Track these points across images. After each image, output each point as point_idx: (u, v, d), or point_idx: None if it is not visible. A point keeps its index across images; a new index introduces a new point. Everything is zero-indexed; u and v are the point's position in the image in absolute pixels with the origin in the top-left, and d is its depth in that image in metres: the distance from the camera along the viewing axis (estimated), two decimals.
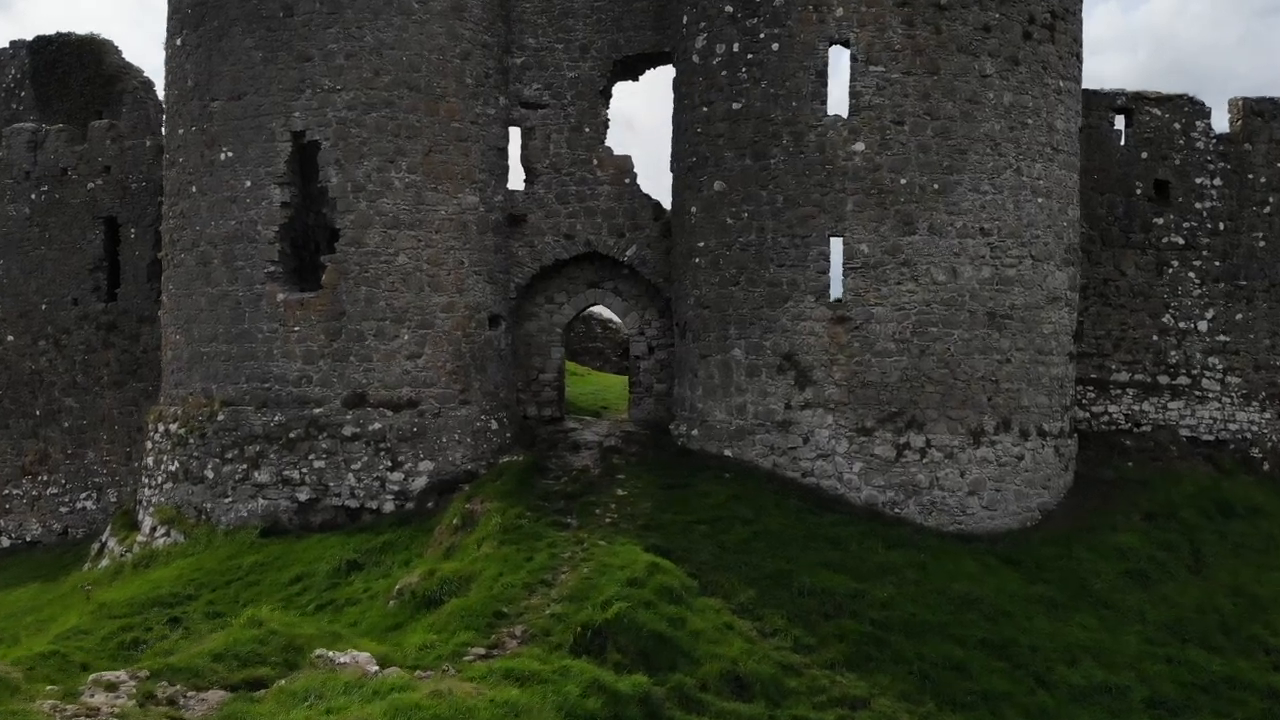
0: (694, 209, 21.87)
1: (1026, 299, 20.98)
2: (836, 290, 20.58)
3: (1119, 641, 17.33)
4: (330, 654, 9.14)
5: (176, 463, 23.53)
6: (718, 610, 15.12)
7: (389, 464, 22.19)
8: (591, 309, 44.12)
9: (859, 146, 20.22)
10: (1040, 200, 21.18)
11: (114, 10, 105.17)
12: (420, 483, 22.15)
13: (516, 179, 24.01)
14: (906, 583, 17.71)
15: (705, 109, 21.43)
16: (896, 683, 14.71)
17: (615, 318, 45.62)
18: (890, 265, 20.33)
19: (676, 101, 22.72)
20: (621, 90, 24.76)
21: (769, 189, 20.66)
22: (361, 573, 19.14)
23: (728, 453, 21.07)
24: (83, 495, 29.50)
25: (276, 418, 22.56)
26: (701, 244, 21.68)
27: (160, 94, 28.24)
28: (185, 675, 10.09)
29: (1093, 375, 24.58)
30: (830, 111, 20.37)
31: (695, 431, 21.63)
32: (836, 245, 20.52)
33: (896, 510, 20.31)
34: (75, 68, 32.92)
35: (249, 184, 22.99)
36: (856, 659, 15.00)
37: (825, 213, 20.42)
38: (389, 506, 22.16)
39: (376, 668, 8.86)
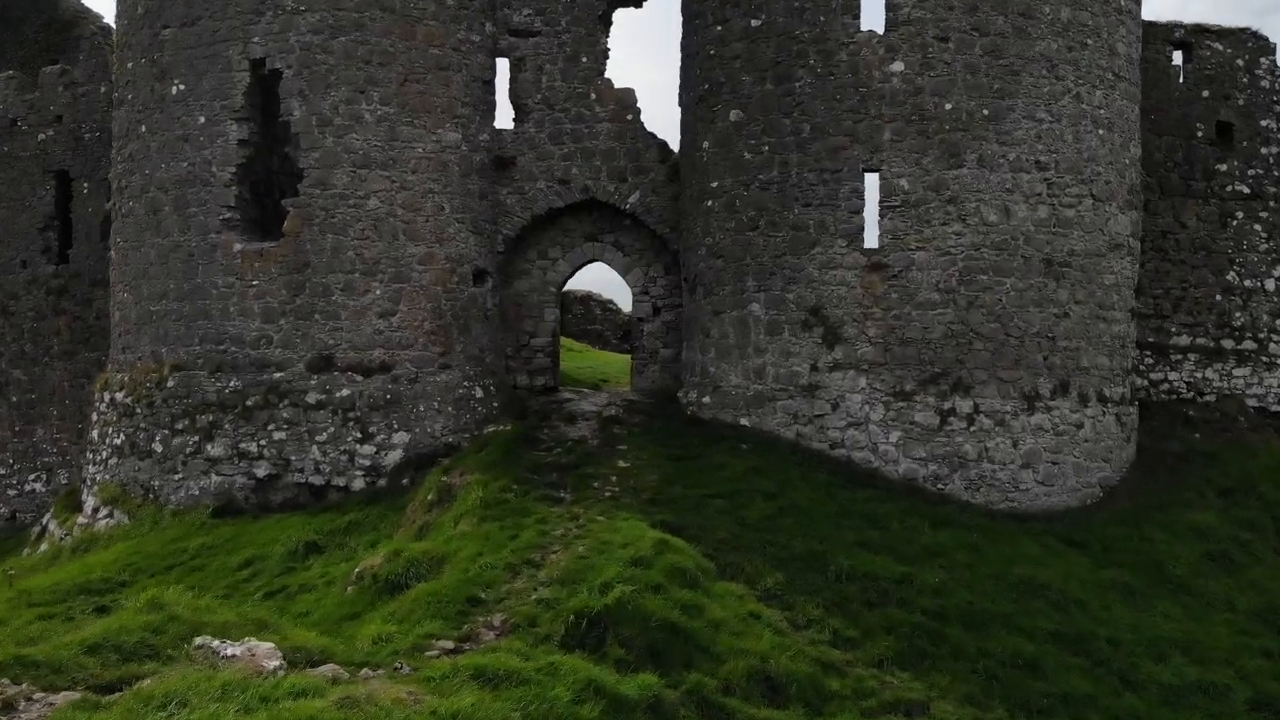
0: (706, 144, 19.25)
1: (1087, 245, 18.36)
2: (871, 234, 17.96)
3: (1209, 633, 14.73)
4: (215, 644, 6.55)
5: (122, 435, 20.92)
6: (740, 597, 12.52)
7: (358, 436, 19.59)
8: (591, 293, 41.83)
9: (897, 67, 17.60)
10: (1101, 133, 18.56)
11: None
12: (394, 457, 19.54)
13: (504, 117, 21.41)
14: (958, 566, 15.11)
15: (719, 28, 18.81)
16: (958, 683, 12.11)
17: (617, 299, 43.30)
18: (934, 203, 17.72)
19: (685, 23, 20.10)
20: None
21: (793, 117, 18.04)
22: (321, 556, 16.53)
23: (745, 422, 18.46)
24: (31, 476, 26.91)
25: (232, 383, 19.99)
26: (715, 184, 19.06)
27: None
28: (44, 671, 7.51)
29: (1150, 339, 21.94)
30: (863, 27, 17.77)
31: (707, 399, 19.02)
32: (871, 181, 17.93)
33: (940, 486, 17.71)
34: (30, 13, 30.35)
35: (203, 120, 20.42)
36: (909, 655, 12.40)
37: (858, 143, 17.82)
38: (358, 484, 19.56)
39: (279, 663, 6.30)
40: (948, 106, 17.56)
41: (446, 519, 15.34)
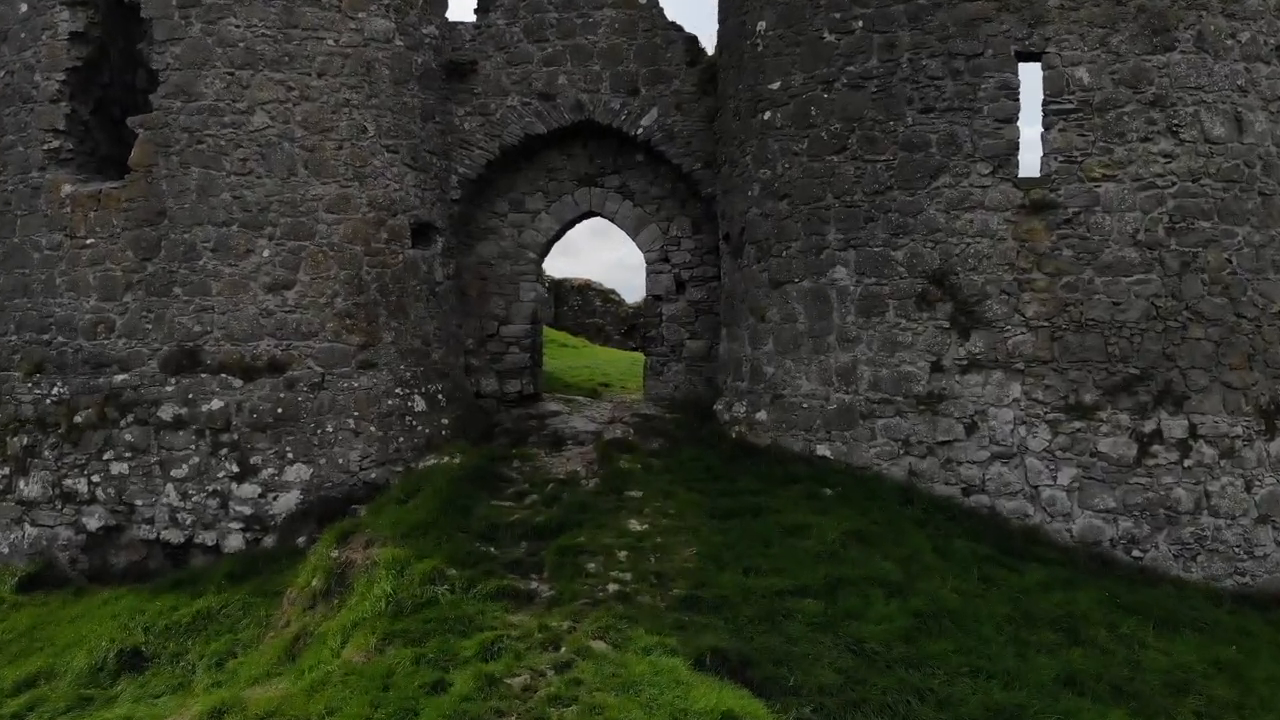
0: (763, 25, 12.76)
1: None
2: (1030, 156, 11.56)
3: None
4: None
5: None
6: None
7: (234, 470, 13.10)
8: (590, 281, 35.00)
9: None
10: None
11: None
12: (287, 502, 13.06)
13: (462, 7, 14.92)
14: (1222, 710, 8.66)
15: None
16: None
17: (620, 289, 36.92)
18: (1129, 107, 11.27)
19: None
20: None
21: None
22: (138, 678, 10.18)
23: (824, 450, 11.95)
24: None
25: (56, 390, 13.58)
26: (776, 85, 12.58)
27: None
28: None
29: None
30: None
31: (763, 414, 12.50)
32: (1030, 72, 11.50)
33: (1137, 552, 11.24)
34: None
35: (25, 8, 14.09)
36: None
37: (1009, 11, 11.37)
38: (234, 542, 13.08)
39: None
40: None
41: (332, 628, 8.85)
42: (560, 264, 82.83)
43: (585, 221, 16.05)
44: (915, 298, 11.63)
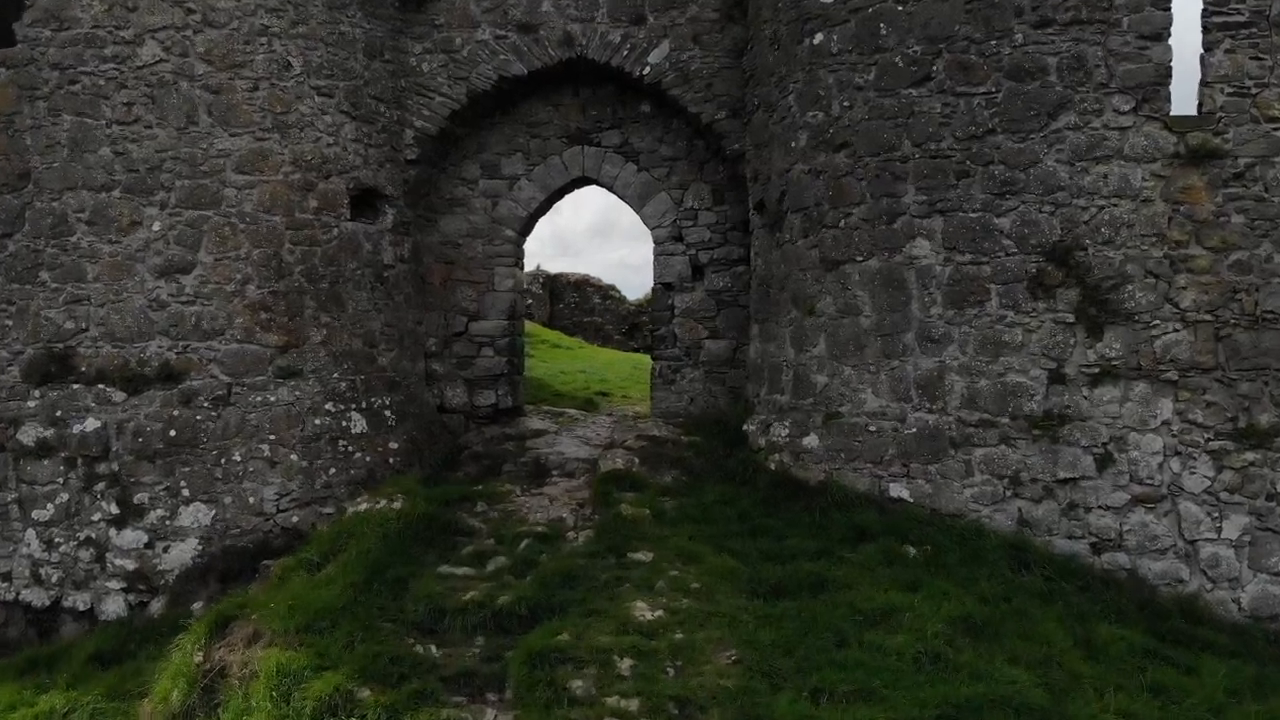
0: None
1: None
2: (1184, 88, 8.57)
3: None
4: None
5: None
6: None
7: (114, 510, 10.09)
8: (588, 277, 31.71)
9: None
10: None
11: None
12: (182, 553, 10.04)
13: None
14: None
15: None
16: None
17: (619, 285, 34.22)
18: None
19: None
20: None
21: None
22: None
23: (899, 490, 8.89)
24: None
25: None
26: None
27: None
28: None
29: None
30: None
31: (812, 439, 9.42)
32: None
33: None
34: None
35: None
36: None
37: None
38: (113, 606, 10.08)
39: None
40: None
41: None
42: (559, 264, 79.71)
43: (579, 192, 12.98)
44: (1027, 281, 8.59)
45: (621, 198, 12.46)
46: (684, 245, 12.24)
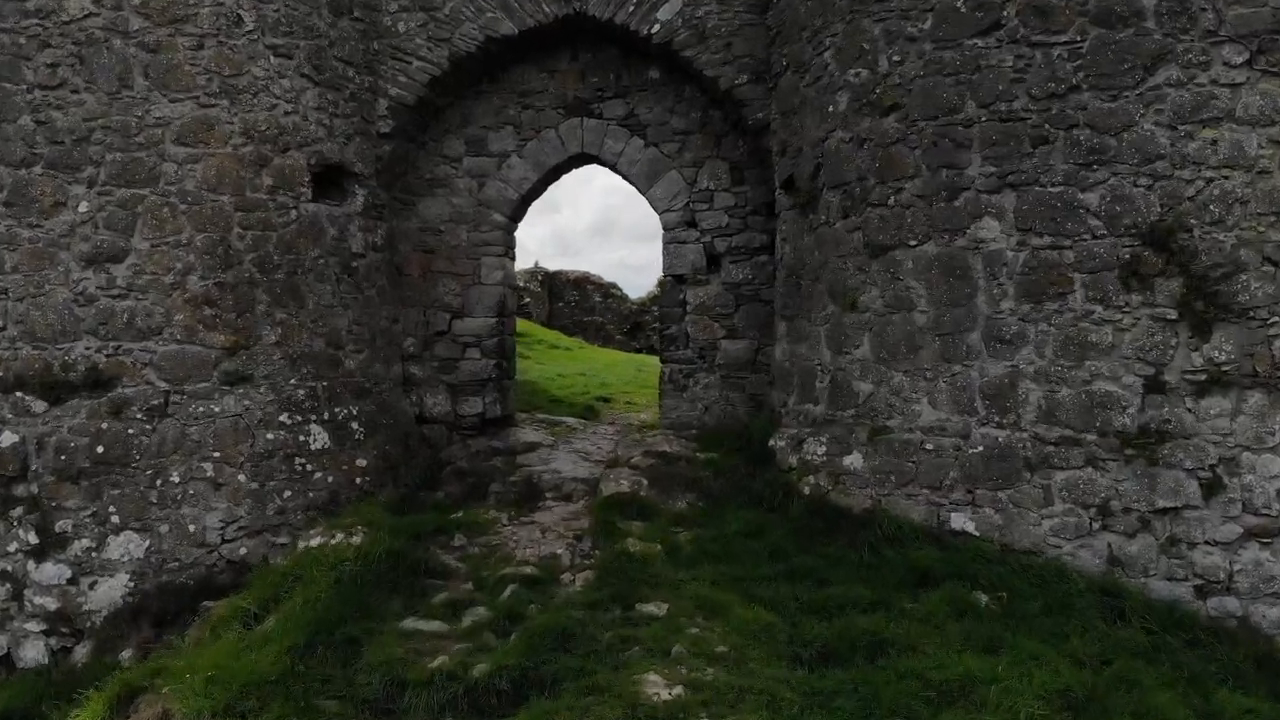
0: None
1: None
2: None
3: None
4: None
5: None
6: None
7: (33, 540, 8.70)
8: (589, 274, 30.12)
9: None
10: None
11: None
12: (111, 591, 8.65)
13: None
14: None
15: None
16: None
17: (621, 283, 33.33)
18: None
19: None
20: None
21: None
22: None
23: (962, 520, 7.49)
24: None
25: None
26: None
27: None
28: None
29: None
30: None
31: (855, 458, 8.01)
32: None
33: None
34: None
35: None
36: None
37: None
38: (32, 652, 8.73)
39: None
40: None
41: None
42: (558, 264, 78.41)
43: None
44: (1119, 269, 7.19)
45: (626, 177, 11.07)
46: (698, 231, 10.85)
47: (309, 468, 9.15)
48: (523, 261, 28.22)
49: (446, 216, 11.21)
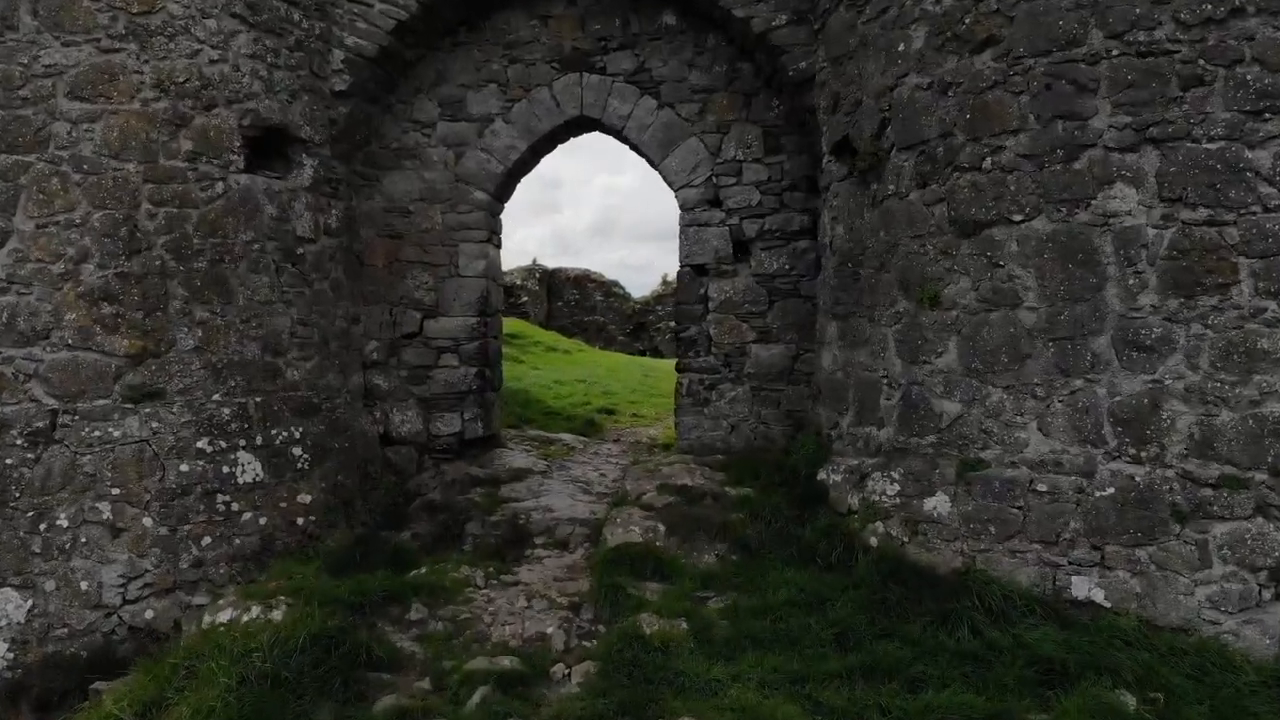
0: None
1: None
2: None
3: None
4: None
5: None
6: None
7: None
8: (589, 272, 28.31)
9: None
10: None
11: None
12: None
13: None
14: None
15: None
16: None
17: (622, 281, 32.35)
18: None
19: None
20: None
21: None
22: None
23: (1086, 587, 5.75)
24: None
25: None
26: None
27: None
28: None
29: None
30: None
31: (939, 501, 6.27)
32: None
33: None
34: None
35: None
36: None
37: None
38: None
39: None
40: None
41: None
42: (557, 264, 76.74)
43: (576, 134, 9.84)
44: None
45: (635, 146, 9.34)
46: (723, 212, 9.12)
47: (235, 507, 7.43)
48: (522, 261, 27.02)
49: (417, 194, 9.49)
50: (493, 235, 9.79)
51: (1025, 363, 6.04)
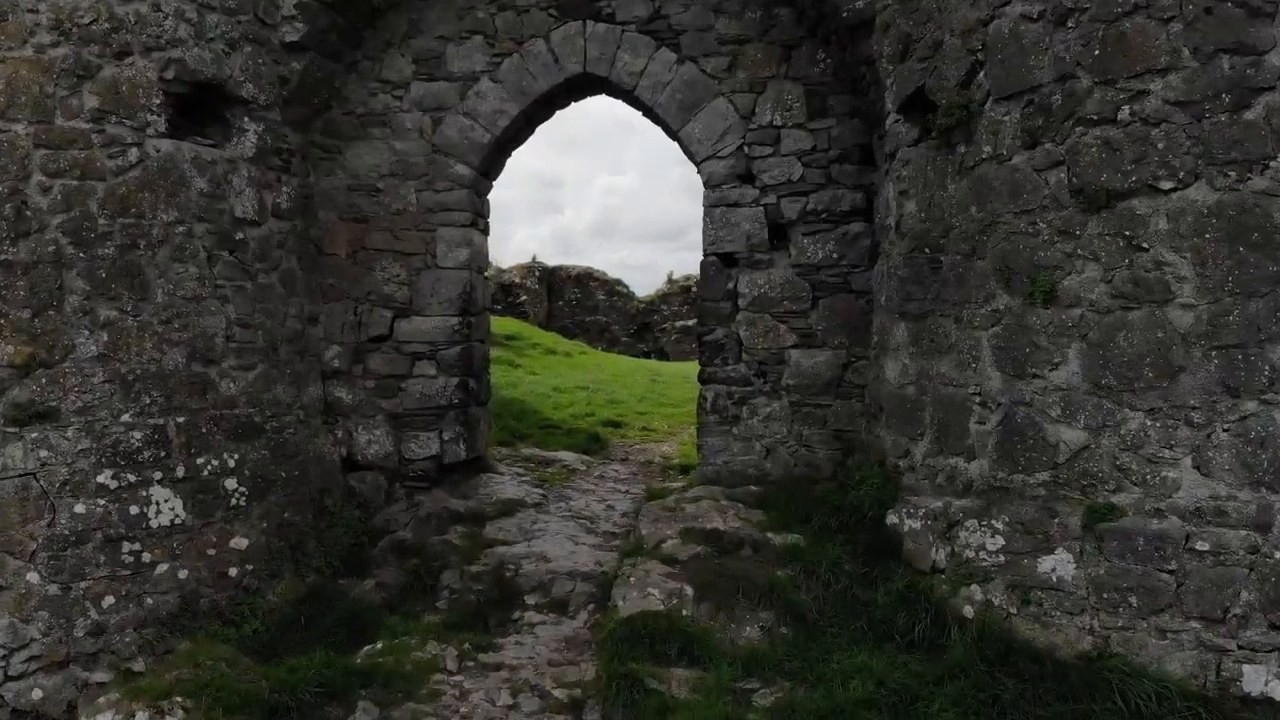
0: None
1: None
2: None
3: None
4: None
5: None
6: None
7: None
8: (591, 270, 26.97)
9: None
10: None
11: None
12: None
13: None
14: None
15: None
16: None
17: (626, 279, 32.45)
18: None
19: None
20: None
21: None
22: None
23: (1259, 679, 4.39)
24: None
25: None
26: None
27: None
28: None
29: None
30: None
31: (1057, 560, 4.88)
32: None
33: None
34: None
35: None
36: None
37: None
38: None
39: None
40: None
41: None
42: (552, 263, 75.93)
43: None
44: None
45: (649, 110, 7.94)
46: (756, 189, 7.71)
47: (147, 558, 6.03)
48: (521, 260, 26.14)
49: (387, 169, 8.10)
50: (478, 218, 8.39)
51: (1178, 378, 4.64)
